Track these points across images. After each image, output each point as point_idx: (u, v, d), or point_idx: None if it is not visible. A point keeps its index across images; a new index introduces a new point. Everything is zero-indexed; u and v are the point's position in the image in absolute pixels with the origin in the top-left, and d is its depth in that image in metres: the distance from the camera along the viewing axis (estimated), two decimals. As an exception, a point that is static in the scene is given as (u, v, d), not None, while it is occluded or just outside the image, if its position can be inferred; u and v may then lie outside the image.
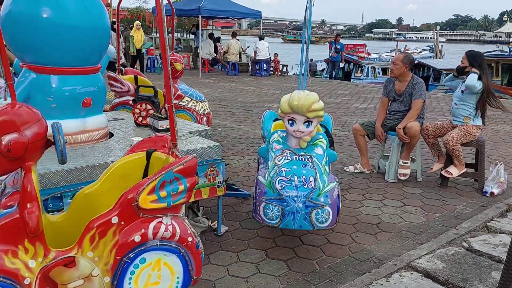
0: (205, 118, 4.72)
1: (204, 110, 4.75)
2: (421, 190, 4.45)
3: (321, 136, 3.05)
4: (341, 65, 16.90)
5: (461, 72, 4.49)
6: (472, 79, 4.24)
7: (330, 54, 16.43)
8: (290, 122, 2.92)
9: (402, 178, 4.66)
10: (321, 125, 3.32)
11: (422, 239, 3.35)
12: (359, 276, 2.79)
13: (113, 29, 9.64)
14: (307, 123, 2.89)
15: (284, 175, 2.81)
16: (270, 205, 2.79)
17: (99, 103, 3.12)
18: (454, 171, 4.51)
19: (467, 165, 4.77)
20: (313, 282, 2.73)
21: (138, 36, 14.40)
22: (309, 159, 2.90)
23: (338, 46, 15.94)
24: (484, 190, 4.36)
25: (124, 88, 4.51)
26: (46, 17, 2.65)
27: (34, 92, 2.81)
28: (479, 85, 4.25)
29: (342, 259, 3.04)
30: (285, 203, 2.74)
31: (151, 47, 18.44)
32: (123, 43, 14.19)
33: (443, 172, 4.57)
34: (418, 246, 3.23)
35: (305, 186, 2.76)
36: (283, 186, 2.77)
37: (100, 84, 3.09)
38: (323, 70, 20.38)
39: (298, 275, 2.80)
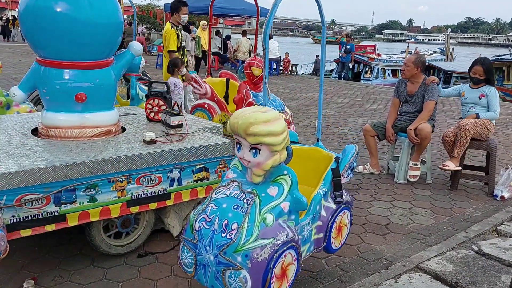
0: None
1: None
2: (431, 192, 4.43)
3: (286, 173, 2.20)
4: (350, 65, 16.86)
5: (477, 83, 4.52)
6: (492, 117, 4.44)
7: (340, 54, 16.39)
8: (238, 145, 2.15)
9: (412, 179, 4.64)
10: (336, 157, 2.64)
11: (432, 241, 3.33)
12: (368, 276, 2.79)
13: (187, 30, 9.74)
14: (253, 151, 2.07)
15: (207, 213, 2.19)
16: (185, 247, 2.23)
17: (99, 100, 2.99)
18: (450, 165, 4.50)
19: (478, 169, 4.75)
20: (322, 281, 2.73)
21: (205, 37, 13.29)
22: (250, 200, 2.13)
23: (348, 47, 15.89)
24: (494, 194, 4.33)
25: (202, 91, 4.44)
26: (52, 10, 2.69)
27: (37, 83, 2.95)
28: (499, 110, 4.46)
29: (351, 258, 3.04)
30: (198, 251, 2.16)
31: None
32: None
33: (440, 166, 4.62)
34: (427, 248, 3.22)
35: (223, 235, 2.07)
36: (201, 227, 2.16)
37: (101, 80, 2.97)
38: (332, 70, 20.33)
39: (306, 274, 2.81)
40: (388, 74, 19.13)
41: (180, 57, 5.57)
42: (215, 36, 16.68)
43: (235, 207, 2.14)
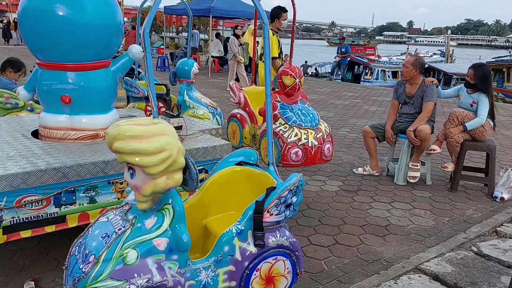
0: (296, 150, 3.57)
1: (299, 138, 3.57)
2: (431, 194, 4.44)
3: (169, 204, 1.82)
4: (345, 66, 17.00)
5: (468, 86, 4.56)
6: (478, 123, 4.38)
7: (336, 58, 16.45)
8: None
9: (412, 181, 4.65)
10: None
11: (431, 242, 3.34)
12: (367, 277, 2.79)
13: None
14: (131, 171, 1.78)
15: (83, 237, 1.94)
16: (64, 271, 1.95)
17: (85, 103, 2.92)
18: (451, 166, 4.58)
19: (478, 170, 4.75)
20: (321, 282, 2.73)
21: (252, 43, 13.17)
22: (123, 229, 1.81)
23: (343, 49, 15.97)
24: (494, 195, 4.34)
25: (235, 100, 4.24)
26: (38, 9, 2.72)
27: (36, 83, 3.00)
28: (485, 115, 4.39)
29: (350, 260, 3.04)
30: (64, 279, 1.93)
31: (162, 46, 18.56)
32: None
33: (440, 166, 4.73)
34: (427, 249, 3.22)
35: (81, 266, 1.78)
36: (72, 253, 1.92)
37: (86, 83, 2.88)
38: (331, 72, 20.30)
39: (305, 275, 2.81)
40: (388, 75, 19.14)
41: (281, 63, 5.64)
42: (216, 39, 16.70)
43: (103, 235, 1.83)
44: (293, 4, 4.36)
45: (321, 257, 3.05)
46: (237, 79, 11.46)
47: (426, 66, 5.25)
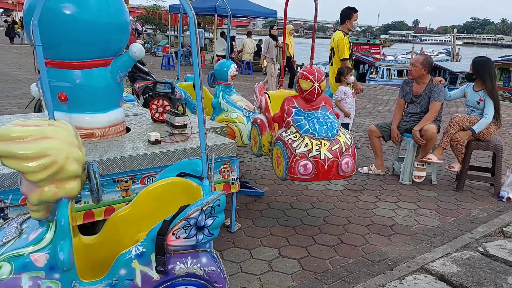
0: (305, 163, 3.11)
1: (309, 149, 3.13)
2: (436, 193, 4.41)
3: (57, 213, 1.64)
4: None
5: (469, 78, 4.58)
6: (484, 124, 4.37)
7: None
8: None
9: (417, 180, 4.62)
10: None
11: (437, 242, 3.31)
12: (372, 277, 2.78)
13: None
14: (19, 177, 1.65)
15: None
16: None
17: (81, 101, 2.88)
18: (457, 166, 4.56)
19: (484, 170, 4.71)
20: (326, 282, 2.72)
21: (290, 43, 11.82)
22: (8, 238, 1.69)
23: None
24: (500, 195, 4.30)
25: (257, 104, 4.07)
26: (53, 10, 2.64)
27: None
28: (492, 115, 4.37)
29: (355, 259, 3.03)
30: None
31: (167, 45, 18.59)
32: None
33: (446, 167, 4.69)
34: (432, 249, 3.20)
35: None
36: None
37: (82, 81, 2.83)
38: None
39: (310, 274, 2.80)
40: (394, 74, 19.05)
41: (350, 65, 5.61)
42: (221, 38, 16.70)
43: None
44: (315, 1, 3.80)
45: (326, 256, 3.04)
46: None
47: (432, 65, 5.22)
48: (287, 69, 11.97)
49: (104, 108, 2.99)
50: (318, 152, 3.13)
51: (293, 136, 3.23)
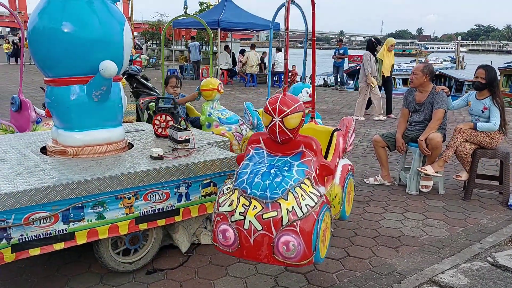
0: (224, 228, 2.29)
1: (233, 210, 2.28)
2: (444, 203, 4.35)
3: None
4: (344, 67, 17.05)
5: (479, 88, 4.46)
6: (489, 127, 4.33)
7: (333, 59, 16.45)
8: None
9: (424, 190, 4.57)
10: None
11: (445, 253, 3.26)
12: (380, 291, 2.73)
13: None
14: None
15: None
16: None
17: (58, 117, 2.97)
18: (464, 175, 4.51)
19: (492, 178, 4.65)
20: (333, 296, 2.68)
21: (389, 60, 9.36)
22: None
23: (341, 51, 16.00)
24: (509, 204, 4.24)
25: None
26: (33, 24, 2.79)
27: None
28: (498, 124, 4.33)
29: (363, 273, 2.98)
30: None
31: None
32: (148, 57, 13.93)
33: (454, 176, 4.64)
34: (441, 260, 3.15)
35: None
36: None
37: (57, 98, 2.87)
38: (335, 82, 20.04)
39: (317, 289, 2.76)
40: (399, 83, 18.99)
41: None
42: (224, 51, 16.82)
43: None
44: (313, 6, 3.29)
45: (333, 270, 3.00)
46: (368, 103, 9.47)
47: (437, 73, 5.20)
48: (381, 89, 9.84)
49: (78, 127, 2.91)
50: (242, 217, 2.22)
51: (226, 188, 2.45)
